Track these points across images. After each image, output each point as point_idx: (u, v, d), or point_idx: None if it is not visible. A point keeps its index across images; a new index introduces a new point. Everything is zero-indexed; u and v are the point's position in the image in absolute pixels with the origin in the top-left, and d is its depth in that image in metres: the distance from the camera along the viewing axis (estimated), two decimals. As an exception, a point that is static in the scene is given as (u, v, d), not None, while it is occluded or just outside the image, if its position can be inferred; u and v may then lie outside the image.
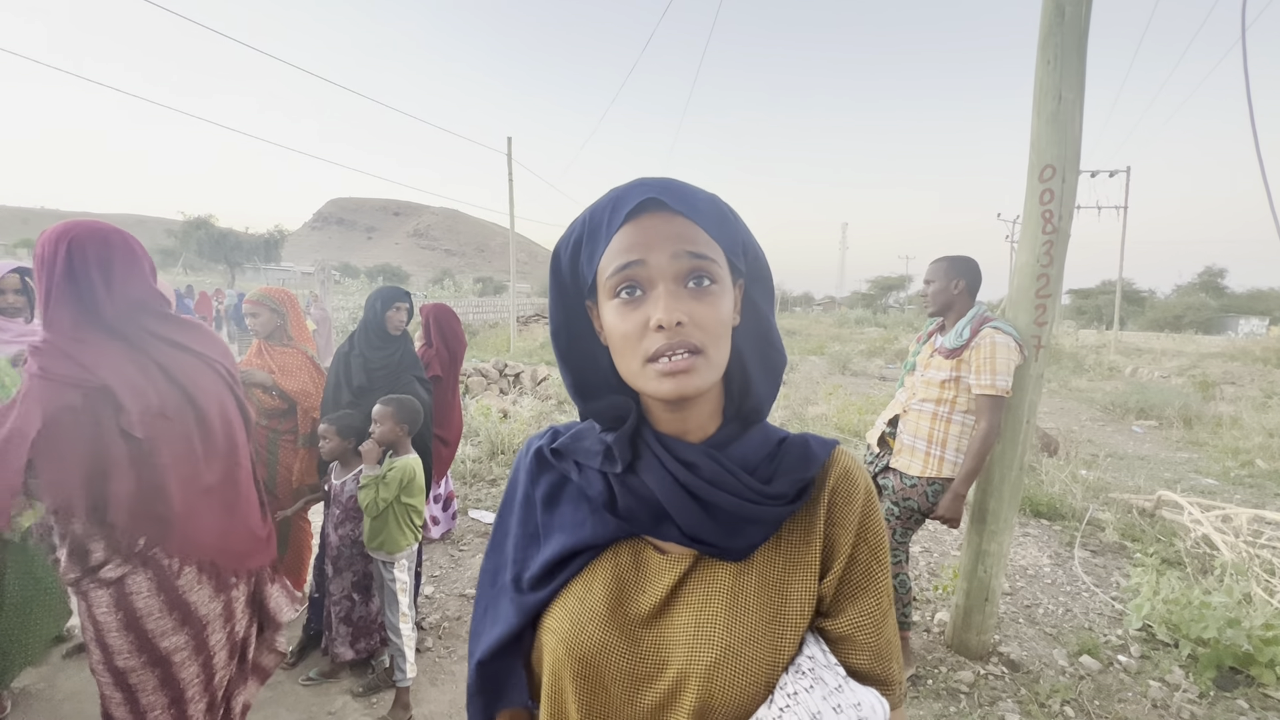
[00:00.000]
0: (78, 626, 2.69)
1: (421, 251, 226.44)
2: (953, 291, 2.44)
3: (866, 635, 0.60)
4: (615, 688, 0.59)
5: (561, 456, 0.67)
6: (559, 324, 0.63)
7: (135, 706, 1.38)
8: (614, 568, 0.62)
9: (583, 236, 0.60)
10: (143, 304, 1.38)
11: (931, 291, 2.48)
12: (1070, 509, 4.41)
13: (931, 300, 2.49)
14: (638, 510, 0.61)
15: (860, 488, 0.63)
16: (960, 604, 2.67)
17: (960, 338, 2.37)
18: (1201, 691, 2.42)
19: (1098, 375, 13.60)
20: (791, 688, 0.56)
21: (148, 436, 1.32)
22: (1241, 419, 8.04)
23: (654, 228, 0.56)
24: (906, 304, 49.85)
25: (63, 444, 1.25)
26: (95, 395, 1.27)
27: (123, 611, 1.35)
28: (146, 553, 1.36)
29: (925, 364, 2.51)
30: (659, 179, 0.59)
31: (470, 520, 4.14)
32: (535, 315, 21.53)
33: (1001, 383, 2.27)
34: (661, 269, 0.55)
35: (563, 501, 0.67)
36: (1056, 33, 2.32)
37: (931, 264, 2.51)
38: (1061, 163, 2.35)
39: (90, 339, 1.30)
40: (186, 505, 1.40)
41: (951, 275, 2.44)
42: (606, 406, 0.63)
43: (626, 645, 0.59)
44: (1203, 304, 34.55)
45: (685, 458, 0.60)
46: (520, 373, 8.77)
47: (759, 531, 0.60)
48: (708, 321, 0.55)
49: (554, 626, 0.62)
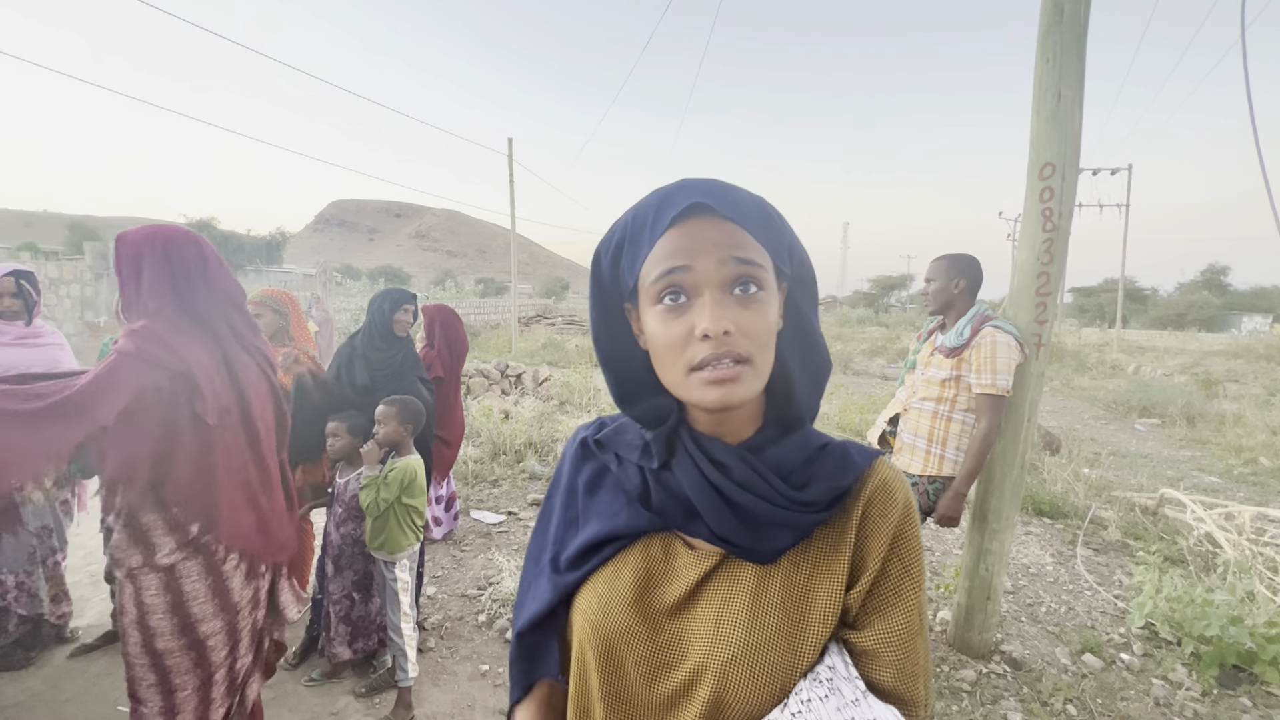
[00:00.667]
0: (83, 628, 2.70)
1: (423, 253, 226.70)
2: (953, 290, 2.43)
3: (892, 652, 0.58)
4: (635, 672, 0.60)
5: (603, 448, 0.69)
6: (599, 328, 0.63)
7: (167, 687, 1.44)
8: (644, 558, 0.64)
9: (625, 240, 0.59)
10: (233, 298, 1.52)
11: (932, 290, 2.48)
12: (1073, 507, 4.40)
13: (932, 299, 2.48)
14: (670, 506, 0.62)
15: (898, 502, 0.61)
16: (962, 602, 2.67)
17: (961, 337, 2.37)
18: (1204, 689, 2.41)
19: (1100, 373, 13.57)
20: (807, 694, 0.55)
21: (215, 426, 1.43)
22: (1244, 417, 8.01)
23: (700, 233, 0.55)
24: (908, 303, 49.79)
25: (143, 420, 1.33)
26: (179, 380, 1.37)
27: (171, 594, 1.42)
28: (200, 539, 1.43)
29: (926, 363, 2.51)
30: (704, 180, 0.58)
31: (472, 521, 4.14)
32: (537, 316, 21.54)
33: (1002, 382, 2.27)
34: (708, 275, 0.54)
35: (602, 490, 0.69)
36: (1055, 31, 2.32)
37: (932, 262, 2.51)
38: (1061, 160, 2.35)
39: (184, 328, 1.41)
40: (234, 496, 1.49)
41: (952, 274, 2.43)
42: (649, 409, 0.64)
43: (649, 633, 0.60)
44: (1205, 302, 34.37)
45: (719, 459, 0.61)
46: (522, 373, 8.77)
47: (787, 536, 0.59)
48: (754, 330, 0.55)
49: (583, 606, 0.64)
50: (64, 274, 14.23)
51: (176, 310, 1.41)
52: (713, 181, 0.58)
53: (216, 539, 1.45)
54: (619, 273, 0.61)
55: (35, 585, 2.47)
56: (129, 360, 1.31)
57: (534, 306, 24.36)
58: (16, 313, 2.44)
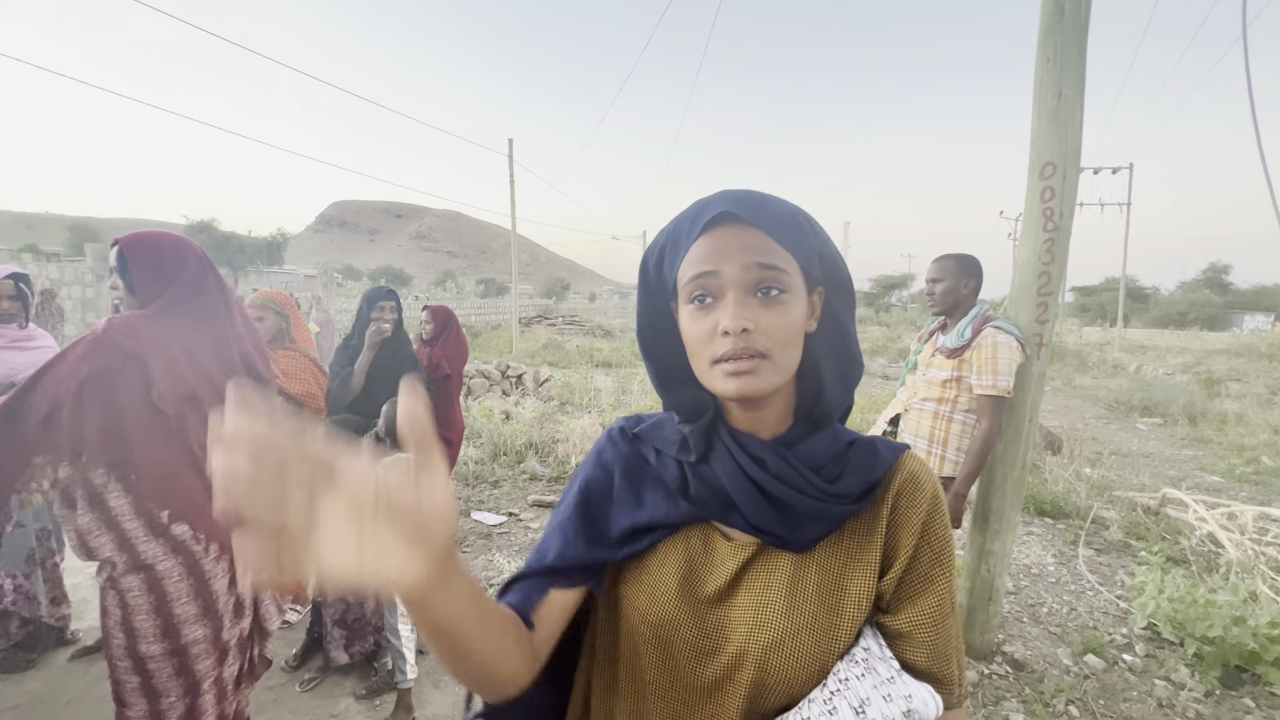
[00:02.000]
0: (84, 630, 2.70)
1: (424, 253, 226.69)
2: (962, 291, 2.41)
3: (924, 633, 0.62)
4: (681, 657, 0.63)
5: (641, 441, 0.73)
6: (644, 322, 0.69)
7: (151, 692, 1.45)
8: (685, 549, 0.67)
9: (666, 244, 0.65)
10: (232, 302, 1.59)
11: (940, 290, 2.44)
12: (1074, 507, 4.39)
13: (940, 299, 2.44)
14: (708, 497, 0.65)
15: (926, 492, 0.65)
16: (964, 603, 2.67)
17: (962, 337, 2.36)
18: (1207, 690, 2.40)
19: (1101, 373, 13.55)
20: (844, 674, 0.58)
21: (176, 414, 1.44)
22: (1247, 416, 8.00)
23: (727, 239, 0.60)
24: (909, 302, 49.72)
25: (92, 398, 1.36)
26: (132, 364, 1.39)
27: (154, 595, 1.43)
28: (173, 529, 1.44)
29: (927, 363, 2.51)
30: (738, 191, 0.63)
31: (473, 522, 4.14)
32: (538, 316, 21.55)
33: (1003, 383, 2.26)
34: (733, 279, 0.59)
35: (640, 482, 0.71)
36: (1056, 30, 2.31)
37: (937, 262, 2.47)
38: (1062, 160, 2.34)
39: (166, 320, 1.45)
40: (207, 488, 1.46)
41: (961, 275, 2.41)
42: (687, 400, 0.68)
43: (693, 621, 0.63)
44: (1207, 301, 34.34)
45: (755, 453, 0.64)
46: (523, 374, 8.77)
47: (821, 527, 0.63)
48: (774, 328, 0.59)
49: (631, 598, 0.66)
50: (65, 275, 14.25)
51: (172, 307, 1.46)
52: (747, 192, 0.62)
53: (195, 531, 1.47)
54: (662, 274, 0.66)
55: (33, 588, 2.47)
56: (87, 343, 1.36)
57: (535, 307, 24.38)
58: (14, 315, 2.44)
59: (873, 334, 22.41)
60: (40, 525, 2.50)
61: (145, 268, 1.47)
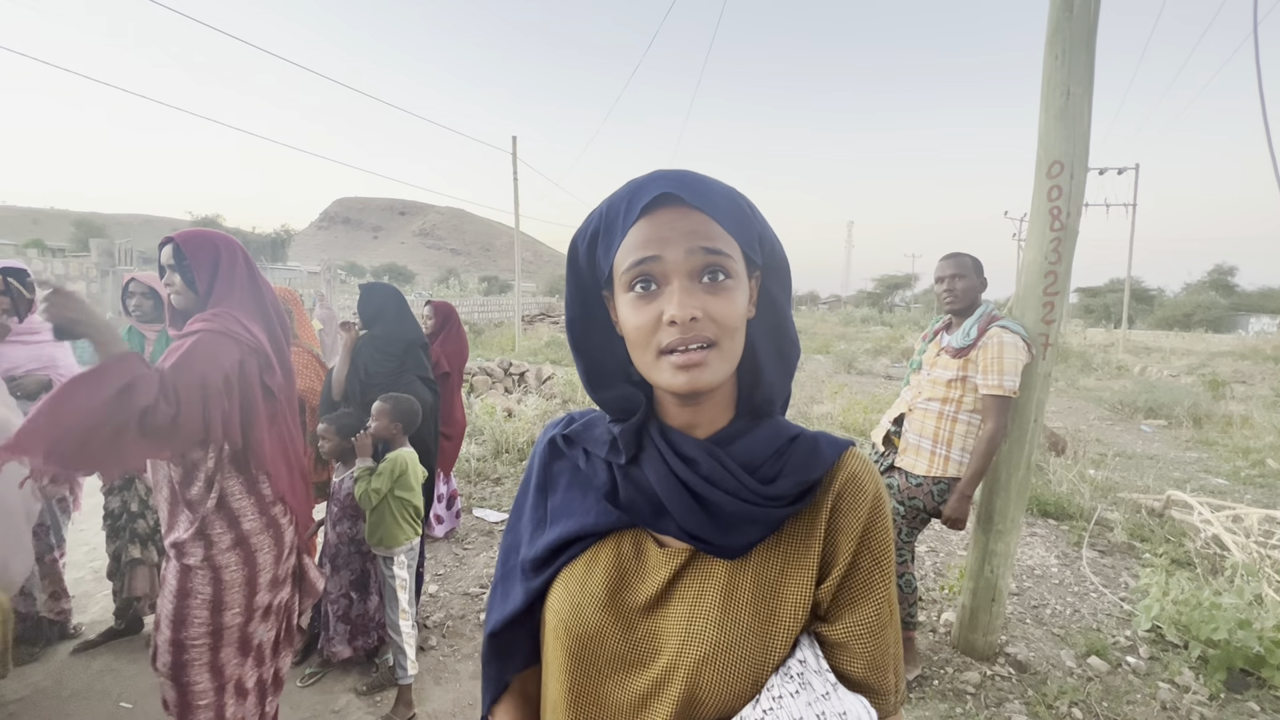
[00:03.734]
0: (86, 624, 2.71)
1: (427, 251, 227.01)
2: (980, 289, 2.40)
3: (862, 644, 0.59)
4: (608, 670, 0.60)
5: (571, 444, 0.69)
6: (574, 314, 0.64)
7: (216, 666, 1.51)
8: (616, 556, 0.63)
9: (600, 229, 0.61)
10: (274, 296, 1.70)
11: (961, 288, 2.39)
12: (1078, 508, 4.37)
13: (961, 296, 2.39)
14: (638, 502, 0.62)
15: (868, 494, 0.61)
16: (967, 604, 2.65)
17: (968, 337, 2.35)
18: (1212, 694, 2.39)
19: (1106, 374, 13.49)
20: (778, 690, 0.56)
21: (284, 398, 1.61)
22: (1252, 418, 7.95)
23: (669, 223, 0.56)
24: (912, 302, 49.58)
25: (227, 390, 1.46)
26: (253, 354, 1.51)
27: (248, 568, 1.52)
28: (273, 508, 1.57)
29: (931, 363, 2.49)
30: (676, 172, 0.59)
31: (474, 519, 4.14)
32: (540, 314, 21.54)
33: (1009, 383, 2.24)
34: (676, 264, 0.56)
35: (571, 488, 0.68)
36: (1065, 27, 2.29)
37: (952, 258, 2.42)
38: (1070, 159, 2.32)
39: (250, 315, 1.58)
40: (290, 463, 1.64)
41: (979, 272, 2.40)
42: (618, 397, 0.64)
43: (622, 631, 0.60)
44: (1212, 302, 34.14)
45: (686, 453, 0.61)
46: (525, 371, 8.77)
47: (756, 531, 0.59)
48: (722, 316, 0.56)
49: (555, 607, 0.64)
50: (70, 271, 14.30)
51: (241, 301, 1.58)
52: (684, 172, 0.59)
53: (285, 507, 1.60)
54: (595, 261, 0.62)
55: (29, 584, 2.44)
56: (216, 337, 1.45)
57: (537, 305, 24.37)
58: (4, 311, 2.38)
59: (876, 334, 22.36)
60: (38, 521, 2.47)
61: (204, 264, 1.54)
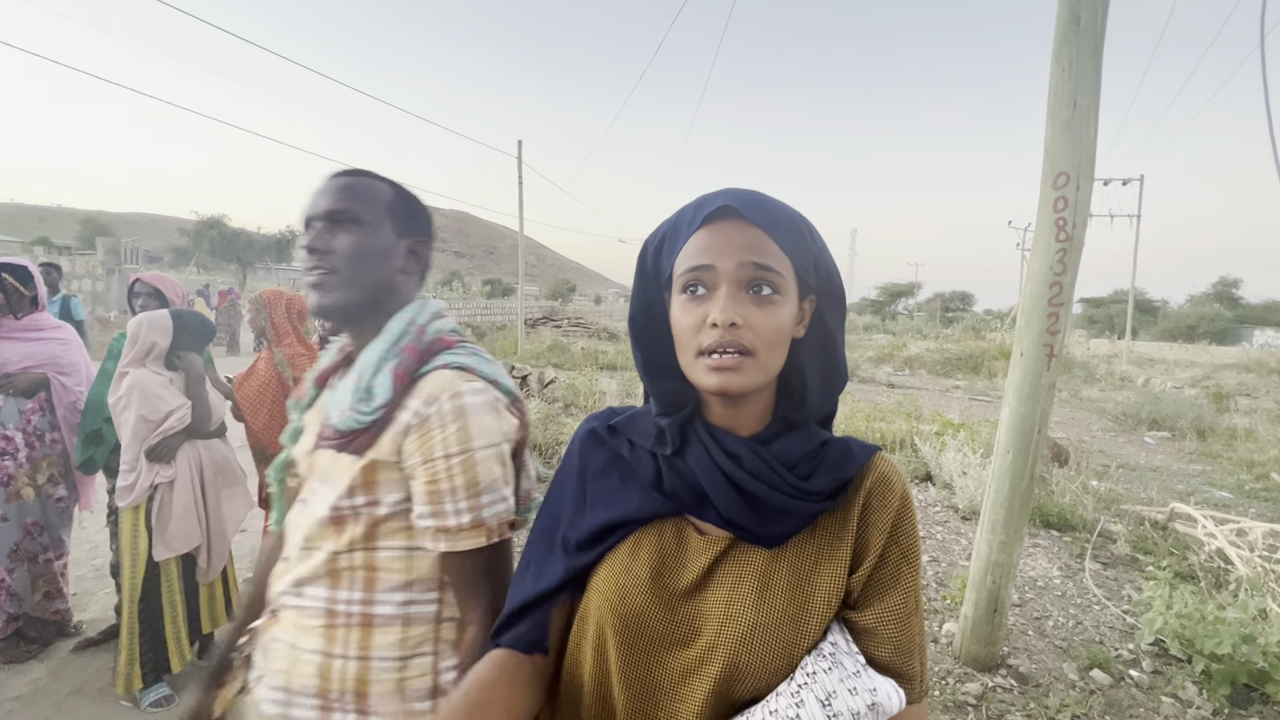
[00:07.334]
0: (87, 621, 2.71)
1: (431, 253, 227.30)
2: None
3: (890, 630, 0.63)
4: (651, 649, 0.64)
5: (616, 434, 0.74)
6: (638, 308, 0.70)
7: None
8: (659, 542, 0.67)
9: (667, 234, 0.67)
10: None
11: None
12: (1081, 520, 4.35)
13: None
14: (682, 490, 0.66)
15: (896, 493, 0.66)
16: (969, 615, 2.64)
17: None
18: (1215, 708, 2.37)
19: (1109, 385, 13.46)
20: (811, 667, 0.59)
21: None
22: (1256, 431, 7.92)
23: (726, 234, 0.61)
24: (915, 311, 49.55)
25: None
26: None
27: None
28: None
29: None
30: (744, 190, 0.64)
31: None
32: (543, 318, 21.58)
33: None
34: (727, 273, 0.60)
35: (613, 476, 0.72)
36: (1072, 39, 2.30)
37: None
38: (1075, 169, 2.33)
39: None
40: None
41: None
42: (671, 390, 0.69)
43: (664, 613, 0.64)
44: (1217, 314, 34.01)
45: (730, 448, 0.65)
46: (527, 375, 8.78)
47: (793, 523, 0.63)
48: (762, 327, 0.60)
49: (601, 588, 0.67)
50: (76, 269, 14.36)
51: None
52: (751, 191, 0.64)
53: None
54: (659, 263, 0.68)
55: (17, 583, 2.43)
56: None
57: (540, 308, 24.41)
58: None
59: (878, 342, 22.34)
60: (31, 519, 2.45)
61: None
